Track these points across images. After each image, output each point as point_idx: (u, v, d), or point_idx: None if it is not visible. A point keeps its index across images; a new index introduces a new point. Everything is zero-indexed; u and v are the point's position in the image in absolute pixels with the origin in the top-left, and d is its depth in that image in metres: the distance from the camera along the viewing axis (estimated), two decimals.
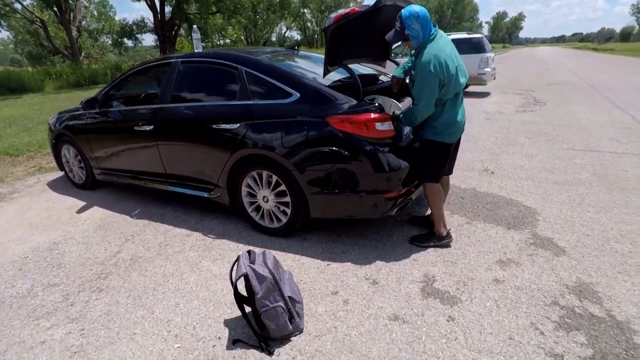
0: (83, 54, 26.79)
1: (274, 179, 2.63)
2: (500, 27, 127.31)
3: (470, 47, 9.13)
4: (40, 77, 16.38)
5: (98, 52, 33.84)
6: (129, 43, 34.97)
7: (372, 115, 2.30)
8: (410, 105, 2.51)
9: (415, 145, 2.57)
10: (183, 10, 21.75)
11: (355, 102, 2.37)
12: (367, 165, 2.32)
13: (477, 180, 3.79)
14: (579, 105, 7.62)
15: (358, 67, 3.30)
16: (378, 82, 3.17)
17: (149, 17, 27.52)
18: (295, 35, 56.76)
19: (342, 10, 2.32)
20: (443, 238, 2.57)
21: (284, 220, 2.72)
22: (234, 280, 1.82)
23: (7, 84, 15.01)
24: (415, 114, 2.33)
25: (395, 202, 2.44)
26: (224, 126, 2.70)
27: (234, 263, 1.90)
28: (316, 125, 2.39)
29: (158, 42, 23.98)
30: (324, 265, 2.44)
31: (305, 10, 49.71)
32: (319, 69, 2.66)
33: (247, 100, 2.66)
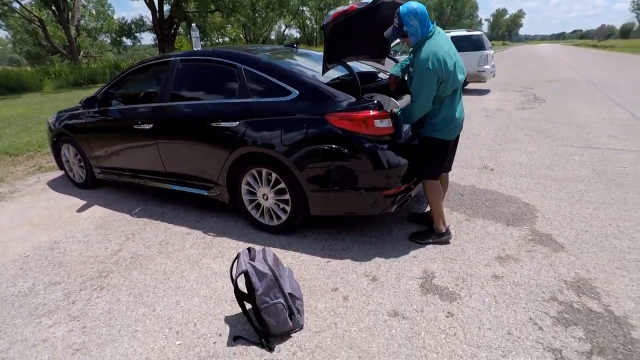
0: (82, 53, 26.75)
1: (274, 176, 2.63)
2: (499, 25, 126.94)
3: (470, 45, 9.08)
4: (39, 77, 16.34)
5: (97, 51, 33.73)
6: (127, 42, 34.99)
7: (371, 113, 2.30)
8: (409, 103, 2.52)
9: (414, 143, 2.57)
10: (182, 9, 21.68)
11: (354, 100, 2.38)
12: (366, 163, 2.32)
13: (477, 177, 3.80)
14: (579, 102, 7.62)
15: (357, 65, 3.30)
16: (377, 80, 3.17)
17: (148, 16, 27.57)
18: (295, 33, 56.69)
19: (341, 8, 2.32)
20: (442, 235, 2.58)
21: (284, 217, 2.73)
22: (234, 277, 1.83)
23: (6, 83, 14.96)
24: (412, 111, 2.34)
25: (395, 199, 2.45)
26: (223, 124, 2.70)
27: (234, 260, 1.91)
28: (315, 123, 2.40)
29: (157, 41, 23.94)
30: (323, 262, 2.45)
31: (304, 8, 49.55)
32: (318, 66, 2.66)
33: (246, 98, 2.66)
